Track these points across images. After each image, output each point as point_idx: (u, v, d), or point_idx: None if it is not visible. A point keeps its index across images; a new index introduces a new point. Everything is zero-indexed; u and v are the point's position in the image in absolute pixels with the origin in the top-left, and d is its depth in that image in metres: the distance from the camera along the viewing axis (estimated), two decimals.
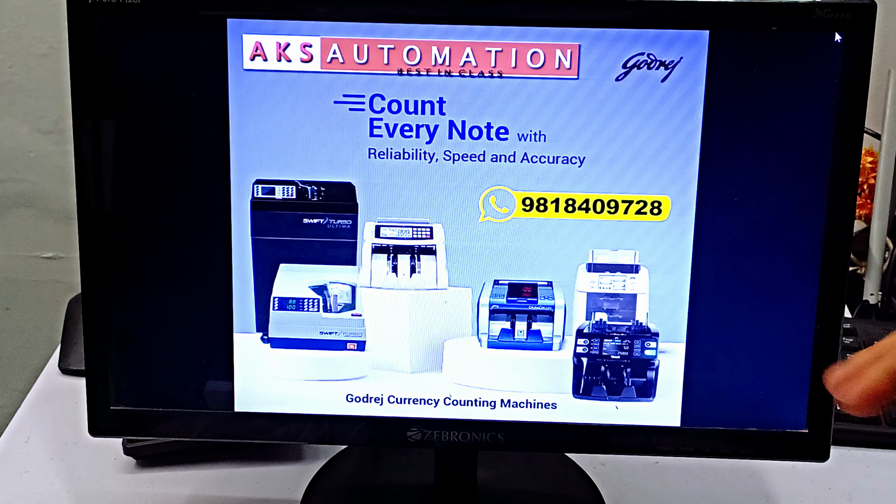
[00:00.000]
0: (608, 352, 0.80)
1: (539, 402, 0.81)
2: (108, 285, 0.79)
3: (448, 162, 0.77)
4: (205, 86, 0.76)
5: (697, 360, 0.80)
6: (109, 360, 0.81)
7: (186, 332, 0.81)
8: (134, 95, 0.76)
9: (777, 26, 0.74)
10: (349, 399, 0.82)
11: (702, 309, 0.79)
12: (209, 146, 0.77)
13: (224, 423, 0.83)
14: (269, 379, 0.81)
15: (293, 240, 0.79)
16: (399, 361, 0.81)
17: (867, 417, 0.97)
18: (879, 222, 1.29)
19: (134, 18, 0.74)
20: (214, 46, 0.75)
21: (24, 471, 0.94)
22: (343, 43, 0.75)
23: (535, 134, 0.76)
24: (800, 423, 0.81)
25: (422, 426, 0.82)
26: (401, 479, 0.94)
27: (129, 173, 0.78)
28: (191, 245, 0.79)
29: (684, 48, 0.74)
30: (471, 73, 0.75)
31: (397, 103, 0.76)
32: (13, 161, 1.61)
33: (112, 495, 0.92)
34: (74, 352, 1.07)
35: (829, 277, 0.78)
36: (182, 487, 0.93)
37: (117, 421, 0.82)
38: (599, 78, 0.75)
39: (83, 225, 0.78)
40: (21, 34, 1.54)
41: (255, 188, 0.78)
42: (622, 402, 0.81)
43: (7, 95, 1.57)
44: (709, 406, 0.81)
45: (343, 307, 0.80)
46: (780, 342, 0.79)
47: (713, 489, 0.94)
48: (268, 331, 0.81)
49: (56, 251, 1.67)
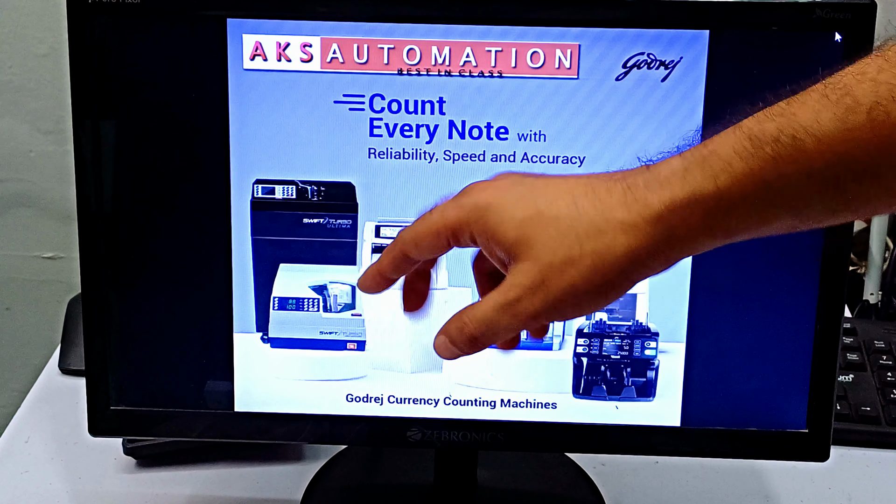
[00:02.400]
0: (608, 352, 0.80)
1: (539, 402, 0.81)
2: (108, 285, 0.79)
3: (448, 162, 0.77)
4: (205, 86, 0.76)
5: (697, 360, 0.80)
6: (109, 360, 0.81)
7: (186, 331, 0.81)
8: (134, 95, 0.76)
9: (777, 26, 0.74)
10: (349, 399, 0.82)
11: (702, 309, 0.79)
12: (209, 146, 0.77)
13: (224, 423, 0.83)
14: (269, 379, 0.81)
15: (293, 240, 0.79)
16: (399, 361, 0.81)
17: (867, 417, 0.98)
18: (879, 222, 1.29)
19: (134, 18, 0.74)
20: (214, 46, 0.75)
21: (24, 471, 0.94)
22: (343, 43, 0.75)
23: (535, 134, 0.76)
24: (800, 423, 0.81)
25: (422, 426, 0.82)
26: (401, 479, 0.94)
27: (129, 173, 0.78)
28: (191, 245, 0.79)
29: (684, 48, 0.74)
30: (471, 73, 0.75)
31: (397, 103, 0.76)
32: (13, 161, 1.61)
33: (112, 495, 0.92)
34: (74, 352, 1.07)
35: (829, 277, 0.78)
36: (182, 487, 0.93)
37: (117, 421, 0.82)
38: (599, 78, 0.75)
39: (83, 225, 0.78)
40: (21, 34, 1.54)
41: (255, 188, 0.78)
42: (622, 401, 0.81)
43: (7, 95, 1.57)
44: (709, 406, 0.81)
45: (343, 307, 0.80)
46: (779, 342, 0.79)
47: (713, 489, 0.94)
48: (268, 331, 0.81)
49: (56, 251, 1.67)
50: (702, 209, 0.55)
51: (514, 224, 0.58)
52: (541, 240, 0.57)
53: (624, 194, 0.56)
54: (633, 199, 0.56)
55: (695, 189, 0.54)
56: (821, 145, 0.52)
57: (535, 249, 0.57)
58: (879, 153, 0.52)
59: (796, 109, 0.53)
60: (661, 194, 0.55)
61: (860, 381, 1.03)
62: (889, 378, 1.03)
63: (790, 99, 0.54)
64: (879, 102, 0.51)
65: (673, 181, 0.55)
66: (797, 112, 0.53)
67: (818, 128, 0.52)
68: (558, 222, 0.57)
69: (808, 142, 0.52)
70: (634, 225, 0.56)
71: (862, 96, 0.51)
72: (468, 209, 0.60)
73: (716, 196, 0.54)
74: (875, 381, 1.03)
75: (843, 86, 0.52)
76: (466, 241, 0.61)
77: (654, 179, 0.56)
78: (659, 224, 0.55)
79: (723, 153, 0.54)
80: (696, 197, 0.54)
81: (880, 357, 1.06)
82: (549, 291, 0.57)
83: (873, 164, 0.52)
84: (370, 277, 0.65)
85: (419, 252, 0.62)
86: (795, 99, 0.54)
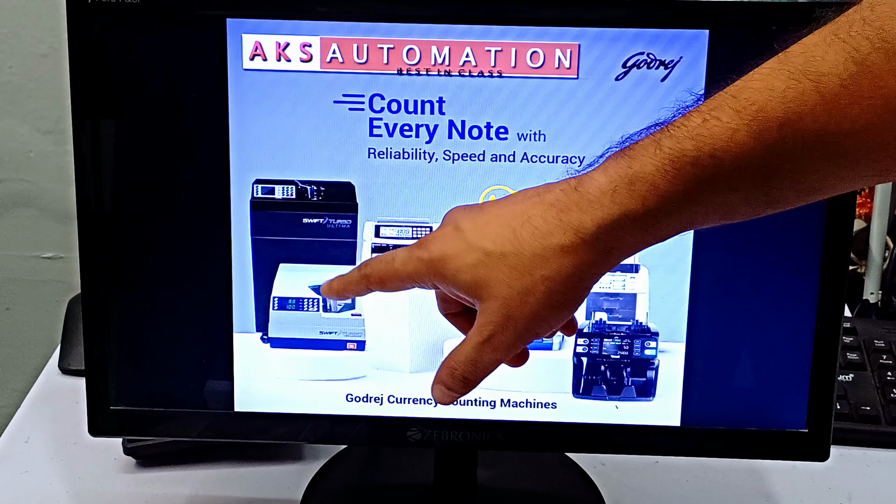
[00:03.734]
0: (608, 351, 0.80)
1: (539, 402, 0.81)
2: (108, 285, 0.79)
3: (448, 162, 0.77)
4: (204, 86, 0.76)
5: (697, 360, 0.80)
6: (109, 360, 0.81)
7: (186, 331, 0.81)
8: (134, 95, 0.76)
9: (777, 26, 0.74)
10: (349, 399, 0.82)
11: (702, 309, 0.79)
12: (209, 146, 0.77)
13: (224, 423, 0.83)
14: (269, 379, 0.81)
15: (293, 240, 0.79)
16: (399, 361, 0.81)
17: (867, 417, 0.98)
18: (879, 221, 1.29)
19: (134, 18, 0.74)
20: (214, 46, 0.75)
21: (24, 471, 0.94)
22: (343, 43, 0.75)
23: (535, 133, 0.76)
24: (800, 423, 0.81)
25: (422, 426, 0.82)
26: (401, 479, 0.94)
27: (128, 173, 0.78)
28: (191, 245, 0.79)
29: (684, 48, 0.74)
30: (470, 73, 0.75)
31: (397, 103, 0.76)
32: (13, 161, 1.61)
33: (112, 495, 0.92)
34: (74, 352, 1.07)
35: (829, 277, 0.78)
36: (182, 487, 0.93)
37: (117, 421, 0.82)
38: (599, 77, 0.75)
39: (83, 225, 0.78)
40: (21, 34, 1.54)
41: (255, 188, 0.78)
42: (622, 401, 0.81)
43: (7, 95, 1.57)
44: (709, 406, 0.81)
45: (343, 307, 0.80)
46: (780, 342, 0.79)
47: (713, 489, 0.94)
48: (268, 331, 0.81)
49: (56, 251, 1.67)
50: (633, 225, 0.58)
51: (468, 270, 0.62)
52: (496, 278, 0.61)
53: (558, 219, 0.59)
54: (567, 223, 0.59)
55: (624, 209, 0.58)
56: (738, 161, 0.54)
57: (493, 288, 0.61)
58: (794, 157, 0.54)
59: (712, 127, 0.55)
60: (593, 215, 0.58)
61: (860, 381, 1.03)
62: (889, 377, 1.03)
63: (703, 110, 0.56)
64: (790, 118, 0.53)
65: (603, 201, 0.58)
66: (713, 130, 0.55)
67: (735, 146, 0.54)
68: (506, 259, 0.61)
69: (727, 159, 0.55)
70: (574, 246, 0.59)
71: (772, 111, 0.53)
72: (425, 263, 0.64)
73: (645, 214, 0.57)
74: (875, 381, 1.03)
75: (753, 102, 0.54)
76: (429, 287, 0.65)
77: (585, 200, 0.59)
78: (596, 242, 0.59)
79: (646, 175, 0.57)
80: (627, 216, 0.58)
81: (880, 356, 1.05)
82: (517, 322, 0.61)
83: (787, 166, 0.54)
84: (334, 291, 0.70)
85: (386, 289, 0.67)
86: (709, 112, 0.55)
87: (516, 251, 0.60)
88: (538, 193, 0.61)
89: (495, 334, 0.62)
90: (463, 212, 0.65)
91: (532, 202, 0.61)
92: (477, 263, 0.62)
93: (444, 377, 0.65)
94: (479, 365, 0.63)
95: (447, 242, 0.63)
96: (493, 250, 0.61)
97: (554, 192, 0.60)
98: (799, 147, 0.53)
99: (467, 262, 0.62)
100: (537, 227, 0.60)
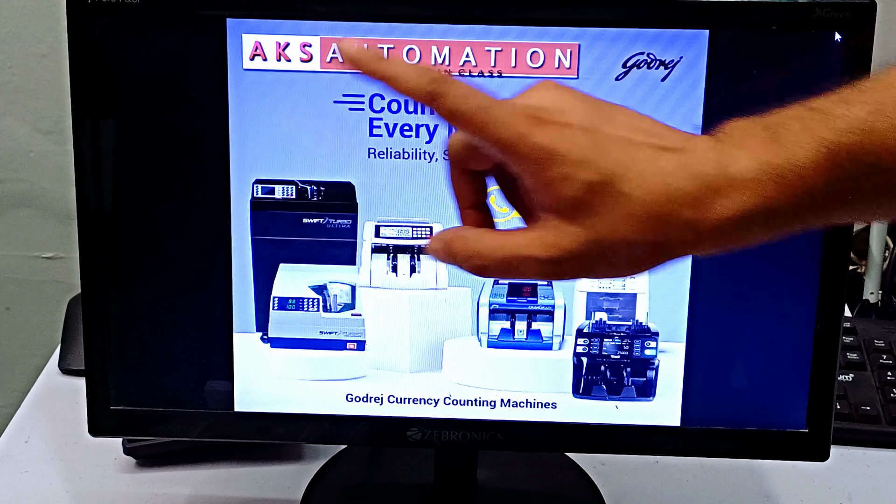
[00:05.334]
0: (608, 351, 0.80)
1: (539, 402, 0.81)
2: (108, 285, 0.79)
3: (448, 161, 0.77)
4: (204, 86, 0.76)
5: (697, 360, 0.80)
6: (109, 360, 0.81)
7: (186, 331, 0.81)
8: (134, 95, 0.76)
9: (777, 26, 0.74)
10: (349, 399, 0.82)
11: (702, 309, 0.79)
12: (209, 146, 0.77)
13: (224, 423, 0.83)
14: (269, 379, 0.81)
15: (293, 240, 0.79)
16: (399, 361, 0.81)
17: (867, 417, 0.98)
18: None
19: (134, 18, 0.74)
20: (214, 46, 0.75)
21: (24, 471, 0.94)
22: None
23: None
24: (800, 423, 0.81)
25: (422, 426, 0.82)
26: (401, 479, 0.94)
27: (128, 173, 0.78)
28: (191, 245, 0.79)
29: (684, 48, 0.74)
30: (470, 73, 0.75)
31: (397, 103, 0.76)
32: (13, 161, 1.61)
33: (112, 495, 0.92)
34: (74, 352, 1.07)
35: (829, 277, 0.78)
36: (182, 487, 0.93)
37: (117, 421, 0.82)
38: (599, 77, 0.75)
39: (83, 225, 0.78)
40: (21, 34, 1.54)
41: (255, 188, 0.78)
42: (622, 401, 0.81)
43: (7, 95, 1.57)
44: (709, 406, 0.81)
45: (343, 307, 0.80)
46: (779, 342, 0.79)
47: (713, 489, 0.94)
48: (268, 331, 0.81)
49: (56, 251, 1.67)
50: (774, 219, 0.52)
51: (579, 185, 0.52)
52: (607, 215, 0.52)
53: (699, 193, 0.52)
54: (706, 203, 0.52)
55: (768, 203, 0.52)
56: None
57: (597, 222, 0.52)
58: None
59: (880, 123, 0.50)
60: (733, 200, 0.52)
61: (860, 381, 1.03)
62: (889, 377, 1.03)
63: (867, 101, 0.51)
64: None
65: (747, 189, 0.52)
66: (880, 126, 0.50)
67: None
68: (630, 202, 0.52)
69: (891, 160, 0.50)
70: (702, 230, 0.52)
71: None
72: (529, 149, 0.53)
73: (788, 209, 0.52)
74: (875, 381, 1.03)
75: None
76: (491, 155, 0.56)
77: (729, 185, 0.52)
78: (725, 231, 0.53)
79: (798, 168, 0.51)
80: (770, 209, 0.52)
81: (880, 356, 1.05)
82: (594, 264, 0.54)
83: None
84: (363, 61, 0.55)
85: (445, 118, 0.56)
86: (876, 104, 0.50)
87: (642, 201, 0.52)
88: (682, 150, 0.53)
89: (562, 262, 0.53)
90: (589, 108, 0.54)
91: (675, 163, 0.53)
92: (593, 186, 0.52)
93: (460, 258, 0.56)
94: (510, 271, 0.55)
95: (563, 136, 0.53)
96: (622, 188, 0.52)
97: (698, 157, 0.53)
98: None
99: (578, 177, 0.52)
100: (675, 188, 0.52)
